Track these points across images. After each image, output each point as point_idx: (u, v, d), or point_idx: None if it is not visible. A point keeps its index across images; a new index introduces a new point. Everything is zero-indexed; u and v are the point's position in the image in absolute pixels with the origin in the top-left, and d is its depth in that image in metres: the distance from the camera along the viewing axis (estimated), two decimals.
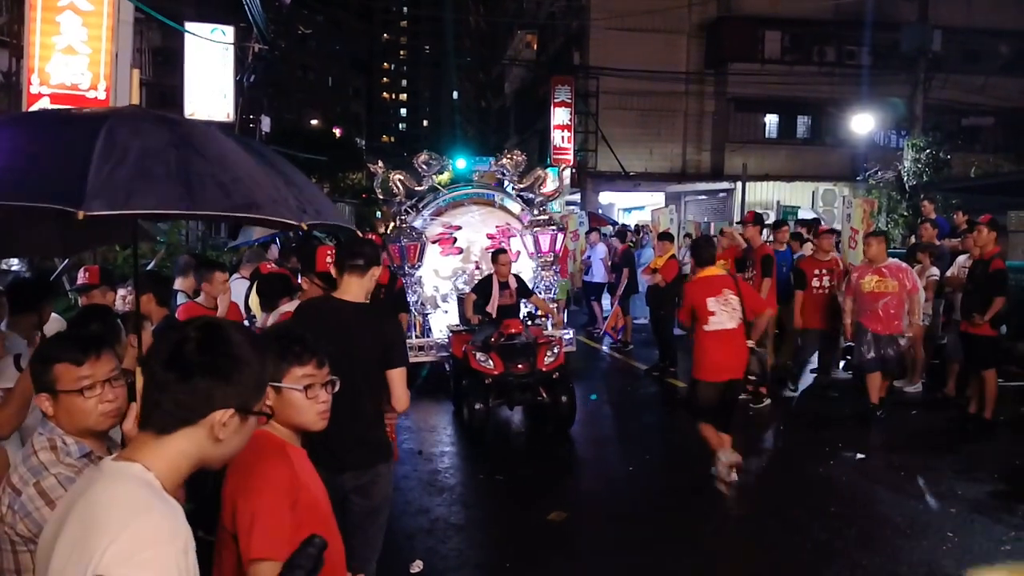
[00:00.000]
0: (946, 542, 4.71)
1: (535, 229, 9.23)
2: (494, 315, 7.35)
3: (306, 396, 2.11)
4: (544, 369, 6.80)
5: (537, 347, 6.91)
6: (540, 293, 8.75)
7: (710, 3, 22.63)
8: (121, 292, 5.10)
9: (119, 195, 2.14)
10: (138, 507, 1.30)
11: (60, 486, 1.97)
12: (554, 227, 9.34)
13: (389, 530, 3.71)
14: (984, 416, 7.00)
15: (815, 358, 8.71)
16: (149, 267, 8.31)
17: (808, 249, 9.07)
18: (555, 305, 9.10)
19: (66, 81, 7.15)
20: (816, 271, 8.10)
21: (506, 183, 9.56)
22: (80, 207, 2.04)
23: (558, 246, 9.45)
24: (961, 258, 7.87)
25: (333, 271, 3.67)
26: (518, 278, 7.86)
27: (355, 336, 3.25)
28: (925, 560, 4.46)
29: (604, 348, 11.81)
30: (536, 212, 9.37)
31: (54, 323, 4.17)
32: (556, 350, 7.01)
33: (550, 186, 9.85)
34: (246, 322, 5.56)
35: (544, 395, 6.90)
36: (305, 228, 2.59)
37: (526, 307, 8.17)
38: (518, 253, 9.27)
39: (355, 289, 3.46)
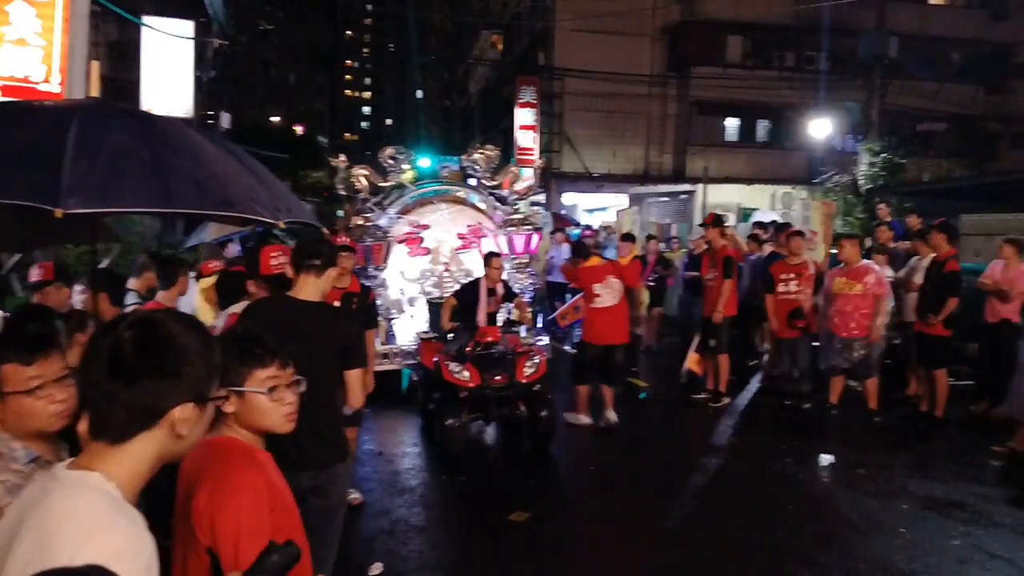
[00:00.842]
0: (898, 538, 4.84)
1: (509, 229, 8.76)
2: (483, 323, 6.80)
3: (271, 399, 2.02)
4: (524, 381, 6.32)
5: (516, 357, 6.47)
6: None
7: (673, 7, 22.83)
8: (78, 289, 4.99)
9: (96, 192, 2.09)
10: (100, 521, 1.24)
11: (8, 494, 1.87)
12: (530, 227, 8.83)
13: (348, 532, 3.69)
14: (935, 415, 7.19)
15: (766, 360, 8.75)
16: (102, 265, 8.12)
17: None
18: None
19: (17, 73, 6.99)
20: (783, 275, 7.69)
21: (476, 180, 9.05)
22: (58, 205, 1.98)
23: (533, 247, 8.92)
24: (913, 260, 8.04)
25: (288, 270, 3.60)
26: (505, 283, 7.36)
27: (313, 335, 3.20)
28: (878, 555, 4.58)
29: (567, 348, 11.83)
30: (510, 211, 8.91)
31: None
32: (536, 360, 6.52)
33: (522, 184, 9.37)
34: None
35: (523, 409, 6.41)
36: (283, 226, 2.56)
37: (503, 313, 7.71)
38: None
39: (311, 289, 3.41)
